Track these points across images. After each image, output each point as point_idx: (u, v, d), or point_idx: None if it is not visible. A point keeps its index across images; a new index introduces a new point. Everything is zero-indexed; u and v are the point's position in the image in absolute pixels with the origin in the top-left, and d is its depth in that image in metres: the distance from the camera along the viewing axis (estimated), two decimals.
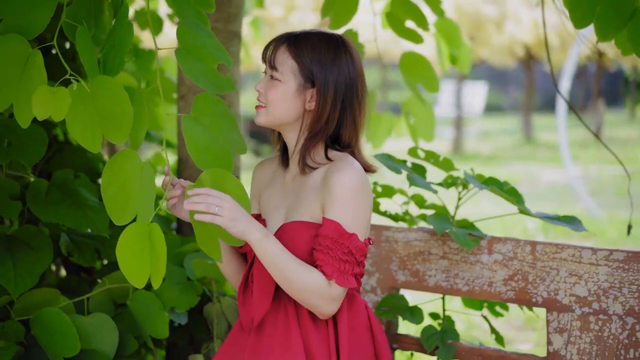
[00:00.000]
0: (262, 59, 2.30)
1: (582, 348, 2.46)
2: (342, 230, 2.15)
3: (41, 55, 2.02)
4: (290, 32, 2.29)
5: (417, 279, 2.75)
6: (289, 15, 15.29)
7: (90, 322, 2.76)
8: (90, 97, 1.99)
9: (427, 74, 3.43)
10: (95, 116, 2.00)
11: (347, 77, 2.23)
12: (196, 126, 2.10)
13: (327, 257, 2.14)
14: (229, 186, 2.11)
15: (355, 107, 2.25)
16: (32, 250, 2.73)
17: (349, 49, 2.26)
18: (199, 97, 2.13)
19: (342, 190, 2.16)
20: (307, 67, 2.20)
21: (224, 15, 3.27)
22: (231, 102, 3.33)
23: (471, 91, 21.85)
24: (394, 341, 2.81)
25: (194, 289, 2.87)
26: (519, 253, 2.58)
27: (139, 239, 2.00)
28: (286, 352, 2.19)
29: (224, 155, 2.13)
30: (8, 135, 2.70)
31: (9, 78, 2.00)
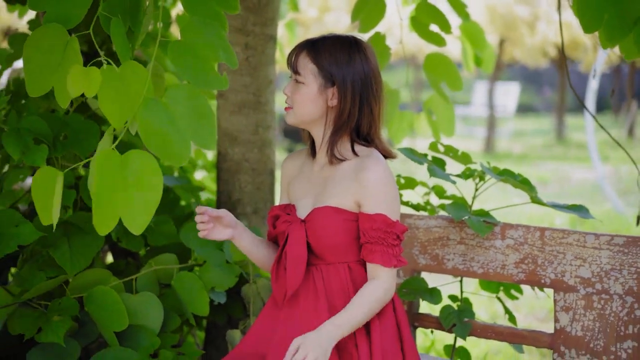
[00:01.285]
0: (287, 65, 2.54)
1: (586, 325, 2.68)
2: (389, 221, 2.41)
3: (78, 41, 2.21)
4: (309, 38, 2.53)
5: (436, 263, 2.98)
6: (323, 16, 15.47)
7: (138, 300, 3.01)
8: (119, 77, 2.13)
9: (451, 73, 3.64)
10: (123, 96, 2.13)
11: (363, 73, 2.47)
12: (159, 112, 2.13)
13: (381, 246, 2.41)
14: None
15: (372, 100, 2.49)
16: (86, 234, 2.99)
17: (362, 49, 2.50)
18: (179, 86, 2.21)
19: (378, 187, 2.41)
20: (325, 69, 2.44)
21: (261, 20, 3.51)
22: (267, 100, 3.57)
23: (504, 91, 21.89)
24: (415, 320, 3.04)
25: (232, 271, 3.11)
26: (529, 238, 2.80)
27: None
28: (316, 320, 2.43)
29: (180, 144, 2.15)
30: (65, 130, 2.96)
31: (50, 62, 2.21)
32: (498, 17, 16.19)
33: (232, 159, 3.55)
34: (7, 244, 2.75)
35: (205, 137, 2.18)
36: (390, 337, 2.48)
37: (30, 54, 2.20)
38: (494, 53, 4.34)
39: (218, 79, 2.22)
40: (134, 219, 2.12)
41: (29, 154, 2.75)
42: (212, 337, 3.59)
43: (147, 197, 2.12)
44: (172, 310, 3.11)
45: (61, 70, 2.20)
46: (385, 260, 2.41)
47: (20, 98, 3.57)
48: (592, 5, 2.56)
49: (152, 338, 2.94)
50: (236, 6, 2.38)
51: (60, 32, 2.20)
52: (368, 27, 3.56)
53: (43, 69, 2.21)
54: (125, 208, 2.11)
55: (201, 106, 2.17)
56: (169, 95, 2.16)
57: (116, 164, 2.11)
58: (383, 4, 3.56)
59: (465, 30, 4.14)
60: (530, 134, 22.43)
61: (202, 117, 2.17)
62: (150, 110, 2.12)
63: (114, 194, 2.10)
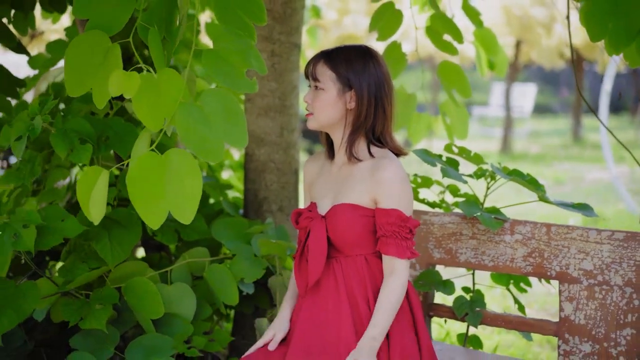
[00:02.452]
0: (305, 75, 2.76)
1: (588, 314, 2.89)
2: (403, 216, 2.61)
3: (119, 47, 2.39)
4: (325, 49, 2.74)
5: (450, 256, 3.20)
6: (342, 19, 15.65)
7: (172, 291, 3.23)
8: (156, 83, 2.31)
9: (461, 80, 3.86)
10: (158, 100, 2.30)
11: (376, 78, 2.68)
12: (195, 113, 2.30)
13: (396, 239, 2.60)
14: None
15: (385, 101, 2.70)
16: (124, 229, 3.21)
17: (374, 56, 2.72)
18: (210, 90, 2.35)
19: (393, 185, 2.61)
20: (343, 75, 2.65)
21: (286, 29, 3.74)
22: (291, 104, 3.79)
23: (521, 92, 22.00)
24: (430, 309, 3.26)
25: (260, 264, 3.33)
26: (536, 234, 3.01)
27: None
28: (336, 308, 2.65)
29: (215, 143, 2.31)
30: (106, 131, 3.18)
31: (92, 65, 2.38)
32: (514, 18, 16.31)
33: (259, 159, 3.76)
34: (54, 237, 2.97)
35: (237, 137, 2.34)
36: (405, 324, 2.67)
37: (72, 57, 2.38)
38: (507, 58, 4.53)
39: (248, 83, 2.41)
40: (182, 211, 2.29)
41: (75, 153, 2.97)
42: (240, 326, 3.81)
43: (190, 189, 2.29)
44: (204, 300, 3.33)
45: (101, 73, 2.37)
46: (400, 252, 2.61)
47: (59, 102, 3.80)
48: (597, 15, 2.73)
49: (186, 325, 3.16)
50: (263, 18, 2.55)
51: (102, 38, 2.38)
52: (386, 36, 3.78)
53: (83, 71, 2.38)
54: (171, 202, 2.28)
55: (233, 108, 2.34)
56: (203, 98, 2.33)
57: (157, 164, 2.29)
58: (400, 14, 3.77)
59: (479, 36, 4.35)
60: (547, 135, 22.53)
61: (234, 118, 2.34)
62: (187, 113, 2.29)
63: (159, 191, 2.28)
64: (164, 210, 2.29)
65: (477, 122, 23.60)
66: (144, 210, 2.30)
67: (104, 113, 3.40)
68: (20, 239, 2.86)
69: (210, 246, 3.53)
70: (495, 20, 16.93)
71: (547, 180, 13.28)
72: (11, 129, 2.96)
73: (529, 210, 8.18)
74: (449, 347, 3.20)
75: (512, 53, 17.99)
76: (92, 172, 2.38)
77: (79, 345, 3.08)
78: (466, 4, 4.25)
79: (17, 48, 3.94)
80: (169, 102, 2.29)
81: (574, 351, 2.90)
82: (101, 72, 2.37)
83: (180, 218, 2.30)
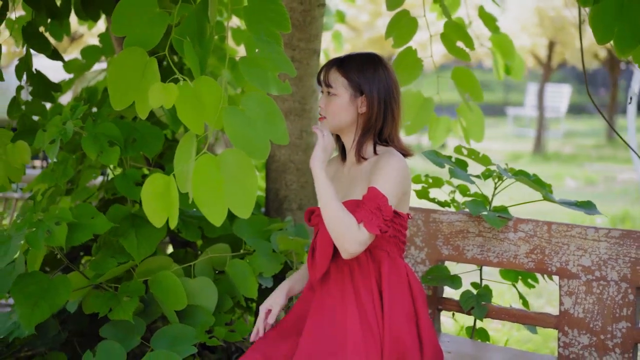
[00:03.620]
0: (317, 82, 2.93)
1: (586, 307, 3.05)
2: (378, 192, 2.71)
3: (156, 62, 2.54)
4: (336, 57, 2.91)
5: (457, 253, 3.36)
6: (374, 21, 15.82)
7: (195, 284, 3.42)
8: (193, 92, 2.44)
9: (473, 85, 4.01)
10: (199, 106, 2.44)
11: (385, 83, 2.85)
12: (239, 117, 2.42)
13: (362, 209, 2.71)
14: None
15: (394, 105, 2.87)
16: (150, 226, 3.39)
17: (383, 63, 2.89)
18: (250, 94, 2.48)
19: (386, 168, 2.75)
20: (354, 81, 2.82)
21: (306, 36, 3.93)
22: (311, 107, 3.98)
23: (556, 93, 22.00)
24: (439, 303, 3.43)
25: (278, 259, 3.52)
26: (538, 231, 3.17)
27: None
28: (342, 300, 2.80)
29: (261, 142, 2.43)
30: (134, 134, 3.39)
31: (132, 80, 2.53)
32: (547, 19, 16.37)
33: (279, 160, 3.95)
34: (84, 233, 3.18)
35: (279, 135, 2.47)
36: (404, 317, 2.80)
37: (113, 73, 2.55)
38: (523, 62, 4.68)
39: (281, 85, 2.55)
40: (241, 207, 2.41)
41: (105, 155, 3.18)
42: None
43: (246, 186, 2.41)
44: (226, 293, 3.52)
45: (141, 86, 2.52)
46: (360, 216, 2.69)
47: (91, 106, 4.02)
48: (604, 19, 2.85)
49: (208, 317, 3.35)
50: (288, 26, 2.72)
51: (140, 53, 2.54)
52: (401, 42, 3.95)
53: (125, 85, 2.54)
54: (230, 199, 2.40)
55: (272, 109, 2.47)
56: (244, 102, 2.47)
57: (214, 165, 2.40)
58: (415, 22, 3.94)
59: (496, 41, 4.51)
60: (581, 135, 22.50)
61: (274, 118, 2.47)
62: (233, 117, 2.43)
63: (218, 190, 2.39)
64: (224, 208, 2.39)
65: (512, 123, 23.65)
66: (207, 209, 2.40)
67: (132, 116, 3.60)
68: (53, 235, 3.07)
69: (232, 242, 3.71)
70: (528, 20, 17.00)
71: (578, 180, 13.35)
72: (45, 133, 3.17)
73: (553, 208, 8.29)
74: (456, 339, 3.37)
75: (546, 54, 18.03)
76: (157, 180, 2.47)
77: (108, 335, 3.29)
78: (483, 11, 4.41)
79: (52, 54, 4.16)
80: (210, 107, 2.43)
81: (572, 343, 3.06)
82: (141, 85, 2.52)
83: (239, 213, 2.41)
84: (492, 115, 27.55)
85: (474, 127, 4.19)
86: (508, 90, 32.01)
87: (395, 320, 2.77)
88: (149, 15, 2.53)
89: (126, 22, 2.54)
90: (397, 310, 2.80)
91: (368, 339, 2.73)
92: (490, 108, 29.24)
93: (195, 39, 2.60)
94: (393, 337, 2.74)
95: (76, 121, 3.16)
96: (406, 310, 2.84)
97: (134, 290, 3.32)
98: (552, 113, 21.42)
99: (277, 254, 3.54)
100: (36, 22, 4.09)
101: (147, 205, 2.46)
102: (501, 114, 26.29)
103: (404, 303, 2.84)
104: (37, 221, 3.11)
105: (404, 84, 3.99)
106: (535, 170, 3.60)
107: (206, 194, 2.37)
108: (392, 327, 2.75)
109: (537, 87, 21.48)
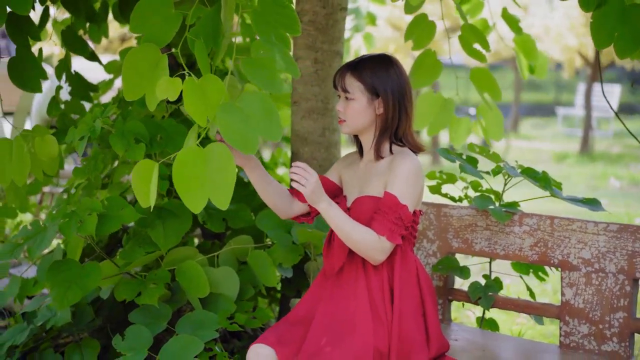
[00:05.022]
0: (333, 86, 3.06)
1: (586, 298, 3.19)
2: (397, 202, 2.87)
3: (166, 58, 2.70)
4: (349, 61, 3.04)
5: (466, 245, 3.52)
6: None
7: (218, 273, 3.61)
8: (200, 87, 2.58)
9: (492, 85, 4.15)
10: (203, 101, 2.57)
11: (398, 84, 2.97)
12: (234, 113, 2.55)
13: (382, 219, 2.86)
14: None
15: (407, 104, 2.99)
16: (177, 218, 3.61)
17: (396, 64, 3.01)
18: (249, 92, 2.61)
19: (402, 173, 2.89)
20: (370, 84, 2.95)
21: (328, 38, 4.10)
22: (333, 107, 4.15)
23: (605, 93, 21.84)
24: (450, 294, 3.59)
25: (297, 250, 3.69)
26: (542, 225, 3.32)
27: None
28: (355, 291, 2.96)
29: (251, 137, 2.56)
30: (160, 132, 3.60)
31: (144, 73, 2.70)
32: None
33: (303, 157, 4.13)
34: (113, 223, 3.39)
35: (272, 131, 2.59)
36: (411, 310, 2.94)
37: (128, 67, 2.71)
38: (547, 61, 4.80)
39: (281, 84, 2.69)
40: (219, 197, 2.56)
41: (131, 151, 3.39)
42: (284, 307, 4.21)
43: (226, 178, 2.55)
44: (247, 283, 3.71)
45: (152, 80, 2.69)
46: (380, 228, 2.85)
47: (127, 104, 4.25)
48: (605, 24, 3.02)
49: (230, 304, 3.54)
50: (297, 29, 2.86)
51: (153, 50, 2.71)
52: (420, 45, 4.11)
53: (138, 78, 2.70)
54: (211, 189, 2.56)
55: (268, 107, 2.59)
56: (242, 99, 2.62)
57: (199, 157, 2.57)
58: (433, 25, 4.10)
59: (519, 42, 4.64)
60: (631, 135, 22.24)
61: (270, 116, 2.59)
62: (227, 112, 2.57)
63: (200, 179, 2.56)
64: (204, 197, 2.56)
65: (562, 123, 23.57)
66: (186, 196, 2.57)
67: (161, 115, 3.82)
68: (84, 224, 3.29)
69: (256, 235, 3.91)
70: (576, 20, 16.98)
71: (622, 180, 13.35)
72: (76, 130, 3.40)
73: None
74: (465, 328, 3.53)
75: (593, 53, 17.97)
76: (144, 166, 2.66)
77: (137, 320, 3.48)
78: (506, 13, 4.55)
79: (90, 56, 4.40)
80: (213, 103, 2.59)
81: (573, 332, 3.21)
82: (152, 79, 2.69)
83: (217, 204, 2.57)
84: (542, 115, 27.47)
85: (492, 126, 4.32)
86: (559, 90, 31.84)
87: (404, 314, 2.91)
88: (164, 15, 2.70)
89: (143, 21, 2.71)
90: (406, 304, 2.93)
91: (377, 331, 2.87)
92: (540, 108, 29.15)
93: (209, 39, 2.76)
94: (401, 330, 2.88)
95: (105, 119, 3.37)
96: (414, 304, 2.97)
97: (160, 278, 3.52)
98: (602, 113, 21.31)
99: (297, 245, 3.71)
100: (75, 26, 4.33)
101: (136, 188, 2.64)
102: (551, 114, 26.19)
103: (412, 297, 2.97)
104: (71, 212, 3.33)
105: (424, 85, 4.16)
106: (580, 170, 3.71)
107: (188, 183, 2.54)
108: (400, 320, 2.89)
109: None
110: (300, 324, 3.03)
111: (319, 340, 2.89)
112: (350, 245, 2.88)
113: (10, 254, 3.50)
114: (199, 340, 3.29)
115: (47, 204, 6.92)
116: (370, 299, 2.94)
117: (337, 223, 2.86)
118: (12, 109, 11.24)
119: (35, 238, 3.42)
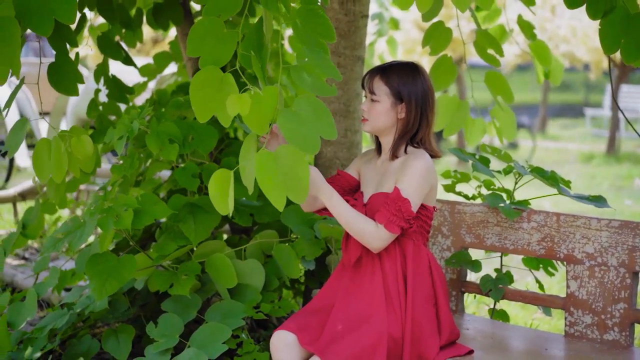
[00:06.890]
0: (361, 86, 3.27)
1: (589, 290, 3.39)
2: (400, 195, 3.06)
3: (232, 76, 2.80)
4: (379, 65, 3.23)
5: (478, 240, 3.73)
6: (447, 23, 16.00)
7: (245, 265, 3.84)
8: (261, 99, 2.70)
9: (504, 88, 4.35)
10: (262, 110, 2.69)
11: (423, 92, 3.17)
12: (293, 117, 2.66)
13: (384, 210, 3.07)
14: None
15: (428, 112, 3.19)
16: (207, 213, 3.83)
17: (421, 72, 3.21)
18: (302, 97, 2.71)
19: (410, 170, 3.09)
20: (396, 89, 3.15)
21: (350, 44, 4.32)
22: (355, 109, 4.37)
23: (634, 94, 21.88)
24: (462, 286, 3.80)
25: (319, 244, 3.90)
26: (548, 221, 3.52)
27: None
28: (371, 282, 3.17)
29: (312, 138, 2.66)
30: (192, 133, 3.84)
31: (211, 95, 2.80)
32: None
33: (326, 156, 4.35)
34: (147, 217, 3.62)
35: (328, 131, 2.69)
36: (423, 300, 3.14)
37: (194, 91, 2.79)
38: (562, 66, 4.98)
39: (328, 88, 2.83)
40: (296, 194, 2.66)
41: (165, 151, 3.64)
42: (307, 298, 4.43)
43: (299, 176, 2.66)
44: (273, 275, 3.94)
45: (219, 99, 2.78)
46: (380, 217, 3.03)
47: (161, 106, 4.50)
48: (612, 31, 3.22)
49: (256, 294, 3.77)
50: (333, 36, 3.01)
51: (215, 71, 2.80)
52: (437, 50, 4.32)
53: (205, 100, 2.79)
54: (287, 188, 2.66)
55: (320, 108, 2.69)
56: (297, 104, 2.74)
57: (271, 160, 2.68)
58: (449, 32, 4.32)
59: (534, 48, 4.83)
60: None
61: (323, 117, 2.69)
62: (287, 118, 2.70)
63: (276, 180, 2.66)
64: (283, 195, 2.67)
65: (590, 124, 23.61)
66: (270, 197, 2.67)
67: (192, 117, 4.05)
68: (121, 219, 3.53)
69: (281, 229, 4.13)
70: None
71: None
72: (114, 130, 3.65)
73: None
74: (477, 318, 3.74)
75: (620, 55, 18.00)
76: (221, 175, 2.73)
77: (169, 309, 3.73)
78: (521, 19, 4.74)
79: (125, 60, 4.65)
80: (269, 111, 2.71)
81: (577, 322, 3.41)
82: (220, 99, 2.78)
83: (294, 199, 2.68)
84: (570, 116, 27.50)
85: (505, 127, 4.52)
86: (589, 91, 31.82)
87: (416, 303, 3.11)
88: (218, 36, 2.81)
89: (199, 44, 2.82)
90: (418, 294, 3.13)
91: (391, 319, 3.07)
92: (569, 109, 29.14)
93: (257, 52, 2.91)
94: (414, 318, 3.08)
95: (141, 120, 3.61)
96: (427, 294, 3.17)
97: (191, 269, 3.75)
98: (631, 114, 21.33)
99: (319, 239, 3.92)
100: (112, 32, 4.58)
101: (213, 196, 2.74)
102: (580, 115, 26.23)
103: (425, 288, 3.17)
104: (108, 208, 3.57)
105: (440, 89, 4.37)
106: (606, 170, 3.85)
107: (268, 184, 2.66)
108: (413, 309, 3.09)
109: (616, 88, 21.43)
110: (319, 312, 3.22)
111: (337, 328, 3.08)
112: (352, 232, 3.09)
113: (53, 247, 3.75)
114: (227, 328, 3.51)
115: (84, 200, 7.20)
116: (386, 289, 3.14)
117: (339, 211, 3.07)
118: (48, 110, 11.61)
119: (75, 233, 3.65)
